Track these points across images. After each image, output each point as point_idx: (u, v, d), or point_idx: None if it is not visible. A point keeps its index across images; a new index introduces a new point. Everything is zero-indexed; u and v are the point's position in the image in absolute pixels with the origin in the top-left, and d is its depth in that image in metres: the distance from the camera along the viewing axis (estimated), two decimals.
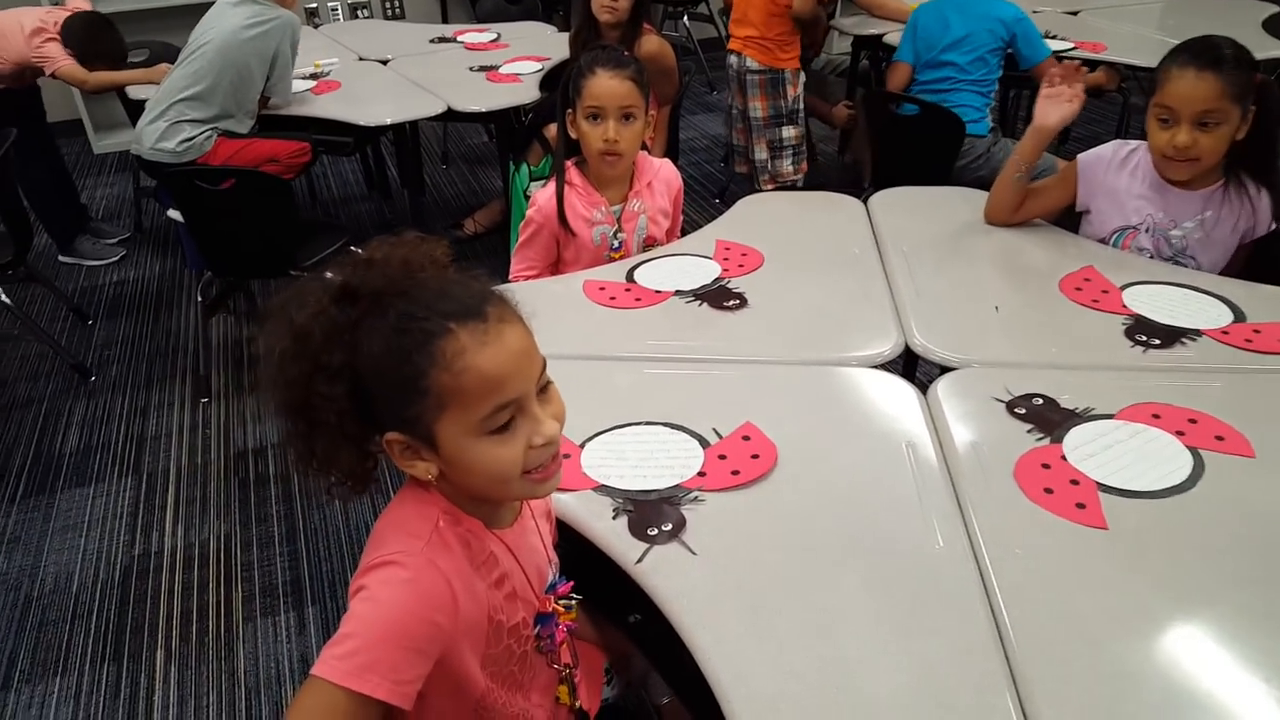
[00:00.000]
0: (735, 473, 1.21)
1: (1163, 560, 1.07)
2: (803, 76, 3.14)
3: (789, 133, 3.15)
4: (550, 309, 1.64)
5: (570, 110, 1.77)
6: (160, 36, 3.69)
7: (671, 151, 3.10)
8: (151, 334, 3.05)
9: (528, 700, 0.99)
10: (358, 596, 0.80)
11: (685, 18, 5.49)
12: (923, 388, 1.39)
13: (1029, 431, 1.28)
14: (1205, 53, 1.61)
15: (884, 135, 2.93)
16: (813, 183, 3.24)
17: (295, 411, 0.78)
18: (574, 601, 1.01)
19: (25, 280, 3.10)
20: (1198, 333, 1.51)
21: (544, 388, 0.85)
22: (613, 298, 1.67)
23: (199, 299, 2.76)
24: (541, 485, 0.86)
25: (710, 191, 3.77)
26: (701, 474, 1.21)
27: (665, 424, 1.31)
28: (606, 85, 1.71)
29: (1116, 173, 1.78)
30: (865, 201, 2.03)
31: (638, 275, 1.74)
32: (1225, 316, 1.55)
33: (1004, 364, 1.45)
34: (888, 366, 1.47)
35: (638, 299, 1.66)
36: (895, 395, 1.38)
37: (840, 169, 3.94)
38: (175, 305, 3.22)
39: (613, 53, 1.77)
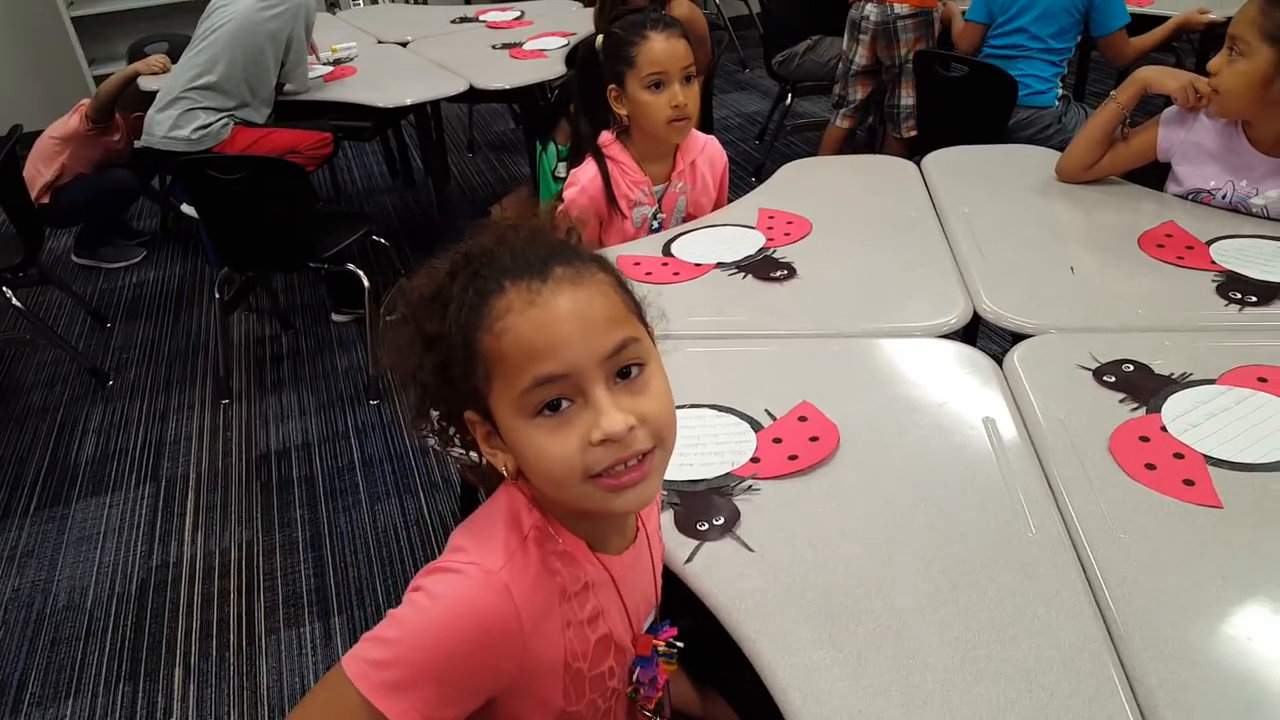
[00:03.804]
0: (793, 457, 1.08)
1: None
2: None
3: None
4: None
5: (613, 85, 1.62)
6: (181, 30, 3.62)
7: (706, 128, 2.96)
8: (171, 335, 2.98)
9: None
10: (412, 598, 0.69)
11: None
12: (991, 358, 1.26)
13: (1121, 401, 1.15)
14: None
15: (932, 98, 2.77)
16: None
17: (401, 376, 0.73)
18: (675, 651, 0.85)
19: (40, 284, 3.04)
20: None
21: (627, 372, 0.68)
22: (648, 273, 1.54)
23: (216, 296, 2.67)
24: (617, 497, 0.69)
25: (747, 170, 3.64)
26: (755, 460, 1.08)
27: (711, 406, 1.18)
28: (666, 48, 1.56)
29: (1200, 129, 1.62)
30: (918, 163, 1.88)
31: (675, 248, 1.61)
32: None
33: (1086, 329, 1.31)
34: (952, 337, 1.33)
35: (676, 273, 1.53)
36: (967, 366, 1.25)
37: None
38: (196, 305, 3.15)
39: (655, 14, 1.63)
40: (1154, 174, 1.72)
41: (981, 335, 1.62)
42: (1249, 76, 1.48)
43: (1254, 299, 1.35)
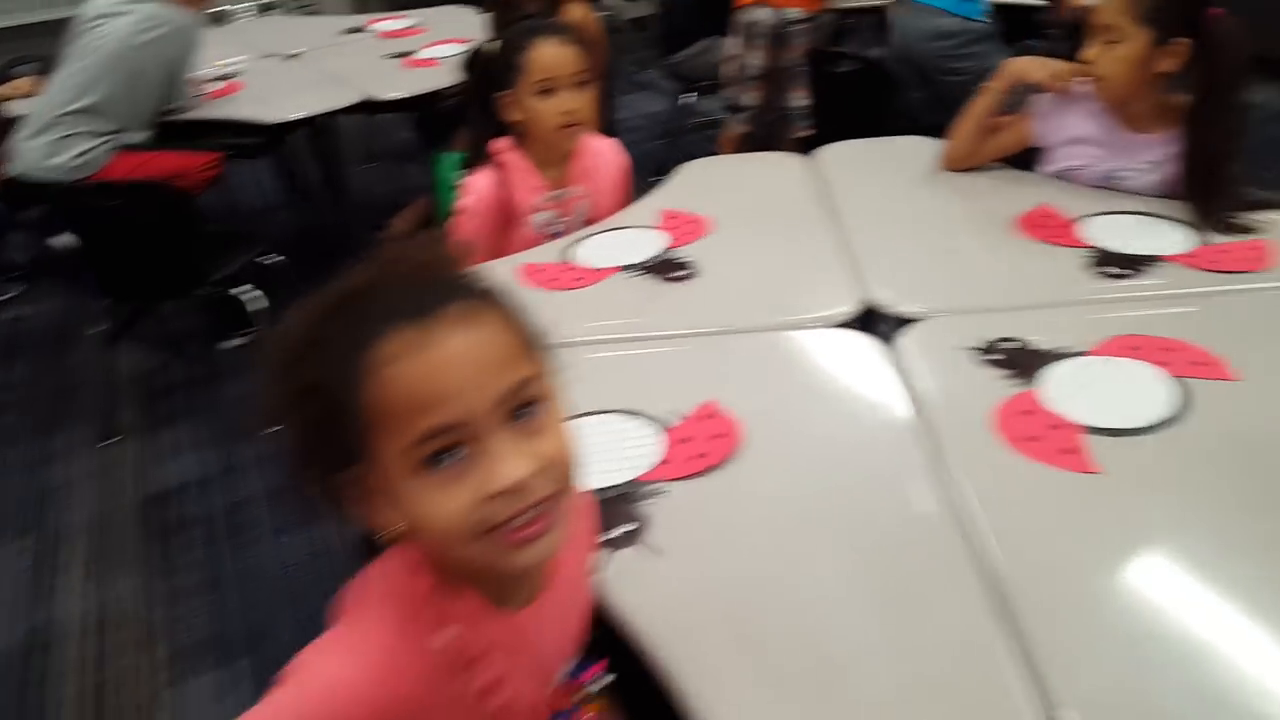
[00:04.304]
0: (701, 456, 1.09)
1: (1162, 499, 1.00)
2: None
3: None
4: None
5: (505, 92, 1.63)
6: (49, 52, 3.42)
7: (608, 130, 2.97)
8: (52, 372, 2.81)
9: None
10: (286, 681, 0.64)
11: None
12: (884, 344, 1.30)
13: (1005, 377, 1.19)
14: None
15: (823, 95, 2.85)
16: None
17: (271, 423, 0.66)
18: (602, 684, 0.82)
19: None
20: (1162, 259, 1.44)
21: (527, 411, 0.64)
22: (552, 279, 1.53)
23: (100, 329, 2.53)
24: (517, 552, 0.64)
25: (651, 170, 3.65)
26: (664, 462, 1.09)
27: (619, 411, 1.18)
28: (555, 54, 1.59)
29: (1068, 114, 1.70)
30: (813, 158, 1.93)
31: (578, 253, 1.60)
32: (1189, 240, 1.49)
33: (970, 310, 1.36)
34: (847, 326, 1.36)
35: (579, 278, 1.52)
36: (860, 354, 1.28)
37: None
38: (78, 339, 2.96)
39: (545, 21, 1.66)
40: (1030, 154, 1.78)
41: (881, 321, 1.67)
42: (1128, 59, 1.54)
43: (1123, 271, 1.42)
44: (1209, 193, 1.56)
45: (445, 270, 0.68)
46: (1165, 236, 1.51)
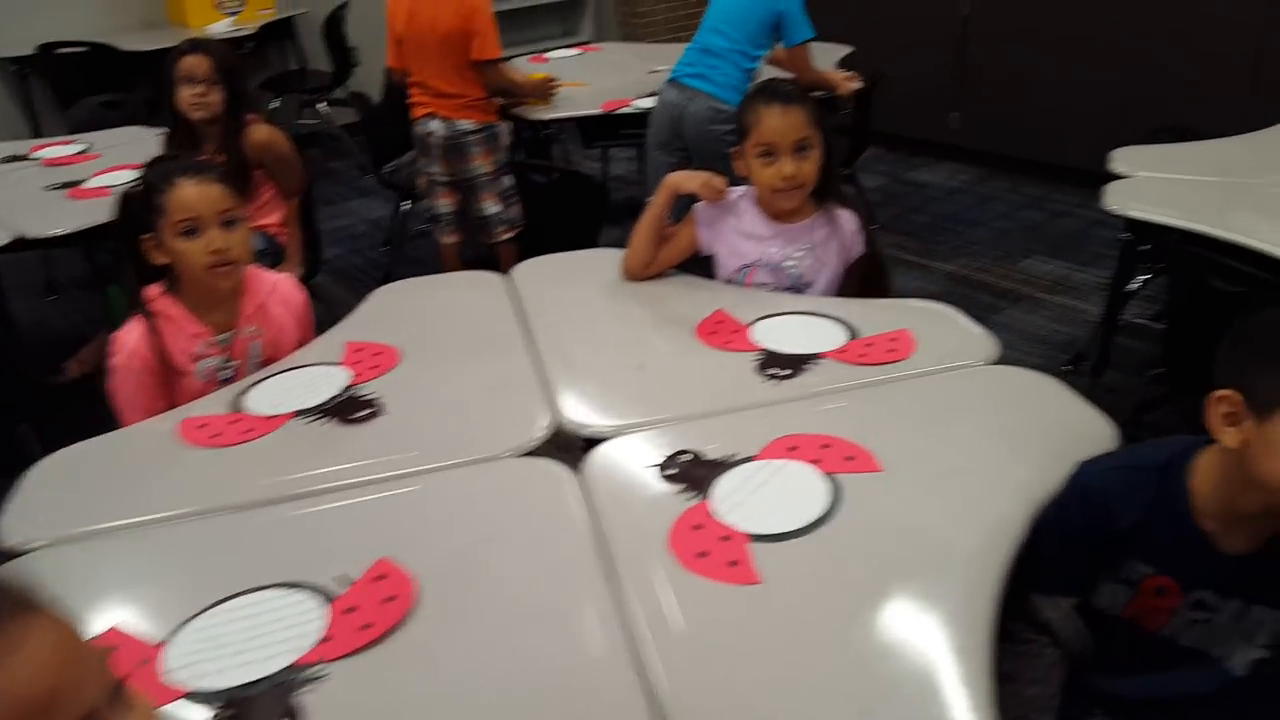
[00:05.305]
0: (367, 626, 1.02)
1: (815, 603, 1.05)
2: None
3: (508, 180, 3.08)
4: (132, 468, 1.35)
5: (150, 234, 1.54)
6: None
7: (314, 244, 2.85)
8: None
9: None
10: None
11: (323, 104, 5.24)
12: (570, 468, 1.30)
13: (680, 493, 1.23)
14: (781, 90, 1.79)
15: (529, 204, 2.92)
16: None
17: None
18: None
19: None
20: (819, 356, 1.55)
21: (117, 690, 0.61)
22: (216, 435, 1.40)
23: None
24: None
25: (374, 278, 3.55)
26: (326, 639, 1.01)
27: (280, 585, 1.09)
28: (197, 193, 1.52)
29: (728, 217, 1.86)
30: (509, 276, 1.94)
31: (248, 401, 1.49)
32: (842, 336, 1.62)
33: (652, 424, 1.39)
34: (541, 452, 1.35)
35: (249, 430, 1.41)
36: (548, 482, 1.27)
37: None
38: None
39: (186, 160, 1.60)
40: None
41: (576, 442, 1.68)
42: (818, 162, 1.76)
43: (786, 372, 1.51)
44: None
45: None
46: (823, 334, 1.63)
